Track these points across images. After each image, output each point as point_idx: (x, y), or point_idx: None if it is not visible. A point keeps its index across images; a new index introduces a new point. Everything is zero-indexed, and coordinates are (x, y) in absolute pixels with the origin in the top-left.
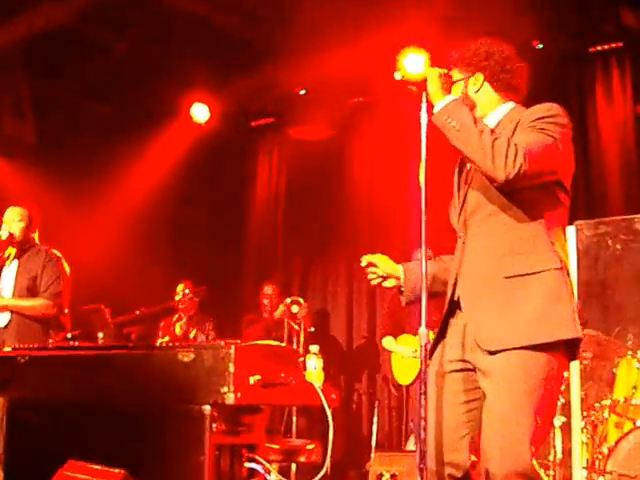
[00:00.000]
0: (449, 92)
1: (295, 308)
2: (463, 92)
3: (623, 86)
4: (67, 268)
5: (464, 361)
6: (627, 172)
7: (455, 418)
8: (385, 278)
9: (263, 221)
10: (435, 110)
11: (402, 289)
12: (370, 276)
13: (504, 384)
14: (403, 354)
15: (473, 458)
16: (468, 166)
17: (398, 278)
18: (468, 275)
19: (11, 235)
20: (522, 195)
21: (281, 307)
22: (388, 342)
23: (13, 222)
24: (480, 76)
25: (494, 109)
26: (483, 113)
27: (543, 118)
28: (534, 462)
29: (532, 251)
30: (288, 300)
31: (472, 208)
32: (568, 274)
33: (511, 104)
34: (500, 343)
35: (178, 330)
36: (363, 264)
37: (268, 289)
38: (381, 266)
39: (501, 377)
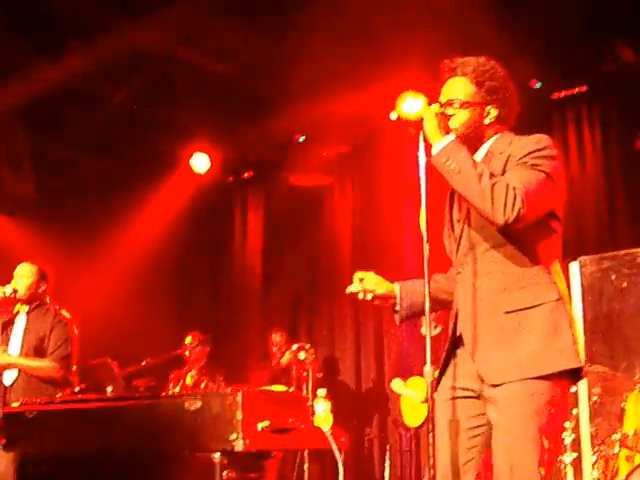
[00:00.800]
0: (447, 131)
1: (302, 354)
2: (477, 118)
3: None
4: (76, 330)
5: (468, 389)
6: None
7: (461, 443)
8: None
9: (268, 269)
10: (433, 151)
11: (397, 308)
12: (352, 289)
13: (509, 411)
14: (412, 397)
15: None
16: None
17: (392, 297)
18: (468, 311)
19: (15, 291)
20: (517, 230)
21: (287, 354)
22: (397, 385)
23: (21, 278)
24: (495, 112)
25: (488, 140)
26: (478, 145)
27: (533, 152)
28: None
29: (530, 285)
30: (294, 347)
31: (469, 245)
32: (567, 303)
33: (499, 134)
34: (504, 377)
35: (189, 380)
36: (353, 289)
37: (276, 336)
38: (373, 285)
39: (506, 405)
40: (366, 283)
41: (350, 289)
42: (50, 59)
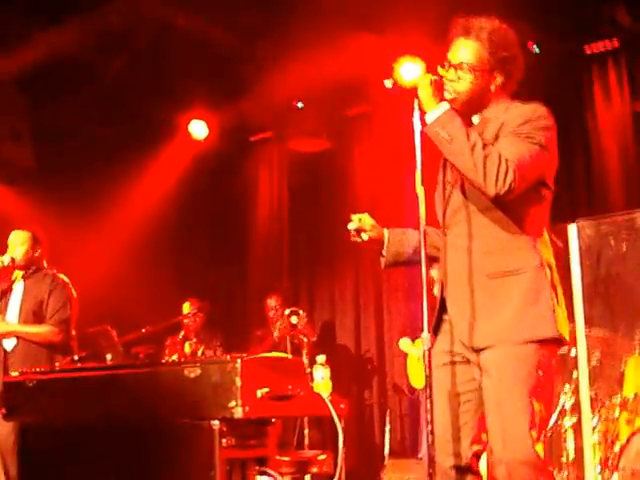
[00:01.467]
0: (441, 99)
1: (294, 319)
2: (483, 84)
3: (620, 85)
4: (74, 293)
5: (457, 354)
6: (626, 169)
7: (454, 409)
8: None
9: (266, 235)
10: (427, 120)
11: (383, 252)
12: (353, 235)
13: (497, 375)
14: (418, 357)
15: (475, 447)
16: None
17: (381, 241)
18: (453, 274)
19: (13, 260)
20: (507, 199)
21: (278, 324)
22: (404, 344)
23: (16, 246)
24: (500, 78)
25: (487, 106)
26: (481, 110)
27: (528, 122)
28: (539, 447)
29: (513, 250)
30: (287, 311)
31: (455, 207)
32: (549, 270)
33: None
34: (484, 341)
35: (187, 349)
36: (352, 226)
37: (271, 301)
38: (368, 226)
39: (494, 369)
40: (363, 222)
41: (350, 226)
42: (48, 27)
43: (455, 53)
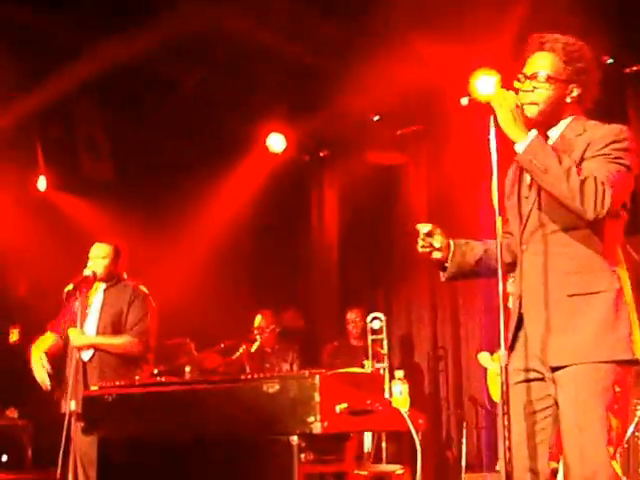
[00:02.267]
0: (526, 122)
1: (377, 323)
2: (560, 94)
3: None
4: (154, 305)
5: (534, 370)
6: None
7: (532, 426)
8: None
9: (343, 249)
10: (518, 149)
11: (446, 264)
12: (422, 246)
13: (575, 392)
14: (497, 371)
15: (553, 465)
16: (528, 179)
17: (446, 250)
18: (531, 291)
19: (94, 273)
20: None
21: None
22: (483, 358)
23: (97, 259)
24: (578, 91)
25: (562, 120)
26: (555, 123)
27: (614, 143)
28: (615, 464)
29: (594, 271)
30: (369, 318)
31: (538, 224)
32: (626, 293)
33: (573, 115)
34: (562, 360)
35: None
36: (424, 229)
37: (352, 315)
38: (439, 244)
39: (571, 386)
40: (435, 241)
41: (421, 229)
42: (129, 39)
43: (530, 65)
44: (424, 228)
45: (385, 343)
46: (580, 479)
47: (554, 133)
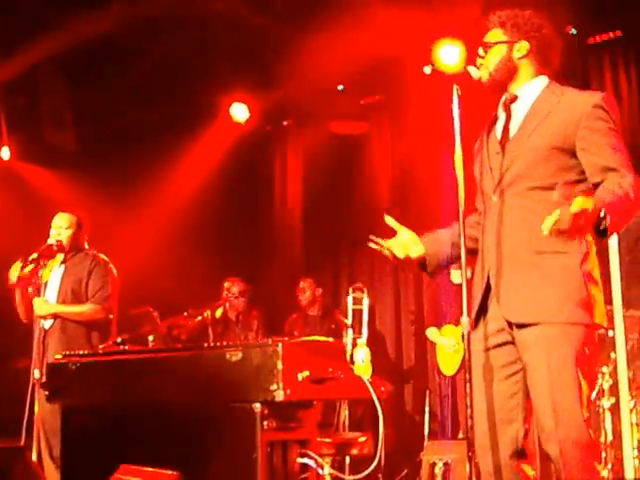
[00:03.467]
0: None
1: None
2: (505, 54)
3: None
4: (115, 272)
5: (503, 334)
6: None
7: (502, 393)
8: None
9: (305, 218)
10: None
11: (428, 270)
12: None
13: (547, 352)
14: (445, 345)
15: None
16: (511, 134)
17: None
18: (498, 241)
19: (59, 242)
20: (566, 178)
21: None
22: (432, 333)
23: (61, 229)
24: (526, 44)
25: (529, 81)
26: (520, 82)
27: (608, 114)
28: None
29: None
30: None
31: (512, 179)
32: (593, 258)
33: (545, 78)
34: (529, 317)
35: (218, 313)
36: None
37: (302, 284)
38: (410, 251)
39: (541, 347)
40: (406, 248)
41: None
42: (91, 10)
43: (480, 49)
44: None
45: (365, 315)
46: (555, 441)
47: (528, 89)
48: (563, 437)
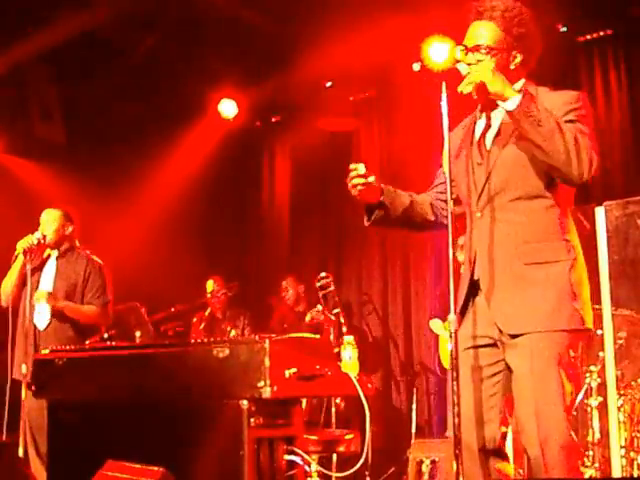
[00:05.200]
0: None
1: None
2: (501, 64)
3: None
4: (110, 274)
5: (486, 336)
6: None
7: (482, 391)
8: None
9: (293, 215)
10: (509, 105)
11: (375, 207)
12: (355, 183)
13: (530, 357)
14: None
15: (502, 429)
16: (488, 145)
17: (376, 196)
18: (487, 257)
19: (43, 237)
20: (549, 184)
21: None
22: (435, 325)
23: (47, 224)
24: (521, 57)
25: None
26: None
27: (577, 110)
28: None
29: (550, 240)
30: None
31: (494, 191)
32: (581, 263)
33: (521, 81)
34: (522, 328)
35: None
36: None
37: (284, 283)
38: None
39: (526, 351)
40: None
41: (354, 171)
42: (79, 4)
43: (470, 37)
44: (360, 168)
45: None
46: (536, 443)
47: (509, 103)
48: (544, 440)
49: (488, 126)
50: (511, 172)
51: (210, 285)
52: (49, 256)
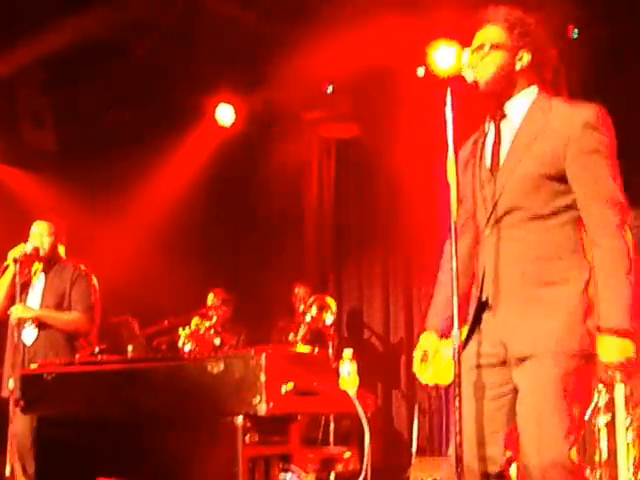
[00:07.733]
0: None
1: (328, 319)
2: (506, 62)
3: None
4: (96, 283)
5: (494, 355)
6: None
7: (487, 412)
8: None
9: (293, 222)
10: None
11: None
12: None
13: (533, 378)
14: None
15: (508, 454)
16: (500, 161)
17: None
18: (498, 277)
19: (36, 249)
20: (563, 203)
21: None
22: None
23: (40, 237)
24: (528, 56)
25: (520, 92)
26: (511, 93)
27: (600, 134)
28: (573, 453)
29: (564, 259)
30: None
31: (505, 210)
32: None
33: (534, 89)
34: (530, 350)
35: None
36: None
37: (300, 290)
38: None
39: (533, 371)
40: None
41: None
42: (72, 10)
43: (476, 41)
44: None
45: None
46: (537, 468)
47: (516, 105)
48: (544, 464)
49: (498, 141)
50: (521, 191)
51: (211, 298)
52: (36, 272)
